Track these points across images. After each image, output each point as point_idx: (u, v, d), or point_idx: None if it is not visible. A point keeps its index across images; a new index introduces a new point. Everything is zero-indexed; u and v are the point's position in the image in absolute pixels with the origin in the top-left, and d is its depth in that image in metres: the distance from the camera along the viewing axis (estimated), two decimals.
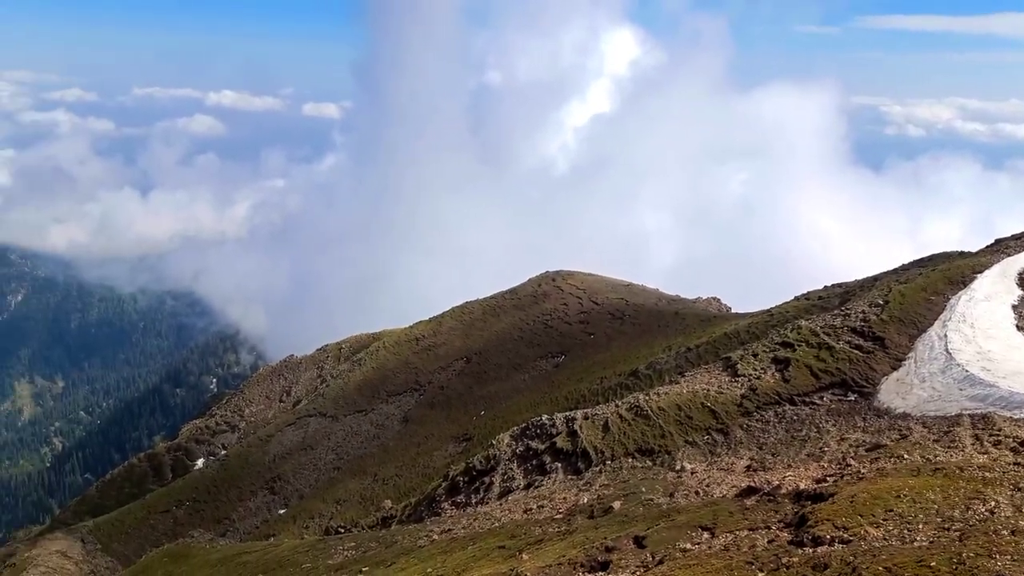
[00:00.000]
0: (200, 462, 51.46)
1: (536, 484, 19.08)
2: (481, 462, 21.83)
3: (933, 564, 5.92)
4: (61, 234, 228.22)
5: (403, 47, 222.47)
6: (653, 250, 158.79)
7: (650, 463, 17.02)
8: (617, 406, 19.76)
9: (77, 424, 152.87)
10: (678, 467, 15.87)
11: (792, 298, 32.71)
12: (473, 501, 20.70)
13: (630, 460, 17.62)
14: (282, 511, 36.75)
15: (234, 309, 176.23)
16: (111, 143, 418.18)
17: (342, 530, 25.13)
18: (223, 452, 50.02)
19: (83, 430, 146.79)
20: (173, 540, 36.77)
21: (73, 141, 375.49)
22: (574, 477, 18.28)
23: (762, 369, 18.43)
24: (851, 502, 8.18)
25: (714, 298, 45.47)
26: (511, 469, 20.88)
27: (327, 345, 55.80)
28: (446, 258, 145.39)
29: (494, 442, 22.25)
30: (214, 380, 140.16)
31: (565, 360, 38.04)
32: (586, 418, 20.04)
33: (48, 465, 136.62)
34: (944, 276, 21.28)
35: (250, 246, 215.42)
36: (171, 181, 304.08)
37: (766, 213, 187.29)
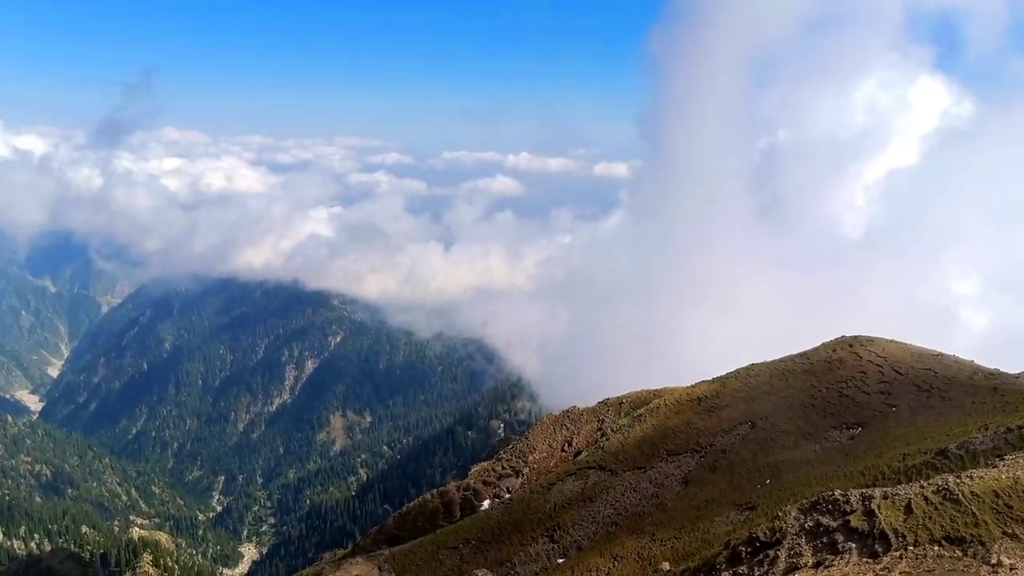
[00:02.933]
0: (486, 503, 55.65)
1: (826, 564, 18.52)
2: (766, 533, 21.41)
3: None
4: (374, 282, 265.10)
5: (689, 102, 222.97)
6: (961, 319, 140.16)
7: (960, 553, 15.90)
8: (922, 487, 18.62)
9: (380, 457, 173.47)
10: (994, 561, 14.74)
11: None
12: (756, 574, 20.50)
13: (936, 548, 16.55)
14: (560, 560, 38.71)
15: (517, 356, 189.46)
16: (422, 202, 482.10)
17: None
18: (507, 495, 53.65)
19: (385, 463, 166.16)
20: None
21: (390, 200, 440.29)
22: (870, 560, 17.54)
23: None
24: None
25: None
26: (798, 544, 20.33)
27: (608, 399, 57.69)
28: (726, 318, 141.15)
29: (780, 514, 21.76)
30: (501, 425, 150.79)
31: (861, 432, 35.77)
32: (885, 497, 19.09)
33: (353, 494, 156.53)
34: None
35: (535, 298, 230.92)
36: (470, 236, 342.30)
37: None
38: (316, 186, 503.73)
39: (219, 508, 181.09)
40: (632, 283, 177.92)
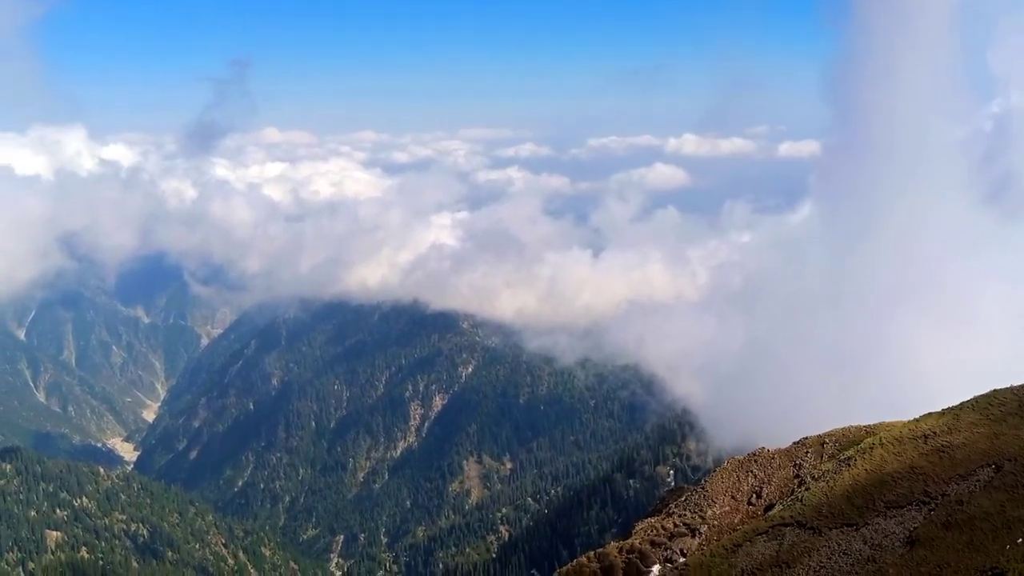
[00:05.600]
0: (656, 569, 56.20)
1: None
2: None
3: None
4: (509, 300, 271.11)
5: (894, 57, 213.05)
6: None
7: None
8: None
9: (524, 512, 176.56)
10: None
11: None
12: None
13: None
14: None
15: (682, 384, 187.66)
16: (564, 200, 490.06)
17: None
18: (682, 559, 54.11)
19: (530, 519, 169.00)
20: None
21: (525, 200, 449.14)
22: None
23: None
24: None
25: None
26: None
27: (806, 438, 57.07)
28: (953, 331, 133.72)
29: None
30: (670, 471, 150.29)
31: None
32: None
33: (494, 556, 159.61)
34: None
35: (704, 311, 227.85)
36: (624, 240, 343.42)
37: None
38: (438, 188, 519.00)
39: (338, 573, 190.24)
40: (827, 289, 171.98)
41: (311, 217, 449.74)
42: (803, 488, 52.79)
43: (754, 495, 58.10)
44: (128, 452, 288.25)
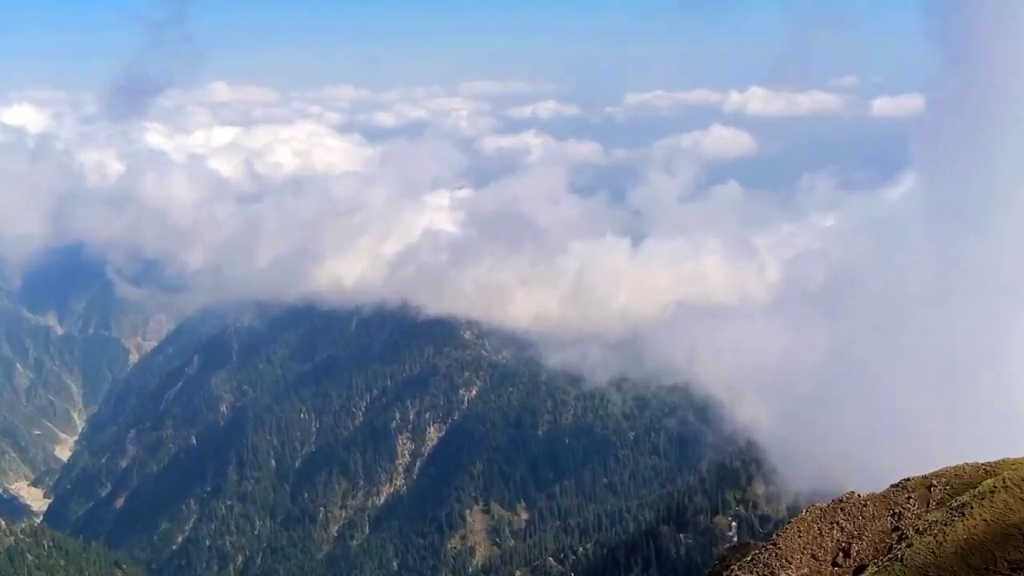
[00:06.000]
0: None
1: None
2: None
3: None
4: (524, 302, 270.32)
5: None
6: None
7: None
8: None
9: (544, 575, 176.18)
10: None
11: None
12: None
13: None
14: None
15: (748, 411, 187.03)
16: (595, 173, 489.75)
17: None
18: None
19: None
20: None
21: (545, 173, 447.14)
22: None
23: None
24: None
25: None
26: None
27: (908, 479, 57.01)
28: None
29: None
30: (733, 523, 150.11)
31: None
32: None
33: None
34: None
35: (775, 315, 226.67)
36: (671, 224, 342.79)
37: None
38: (433, 158, 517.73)
39: None
40: (934, 286, 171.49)
41: (271, 196, 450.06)
42: (904, 544, 52.49)
43: (841, 553, 57.96)
44: (36, 500, 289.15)
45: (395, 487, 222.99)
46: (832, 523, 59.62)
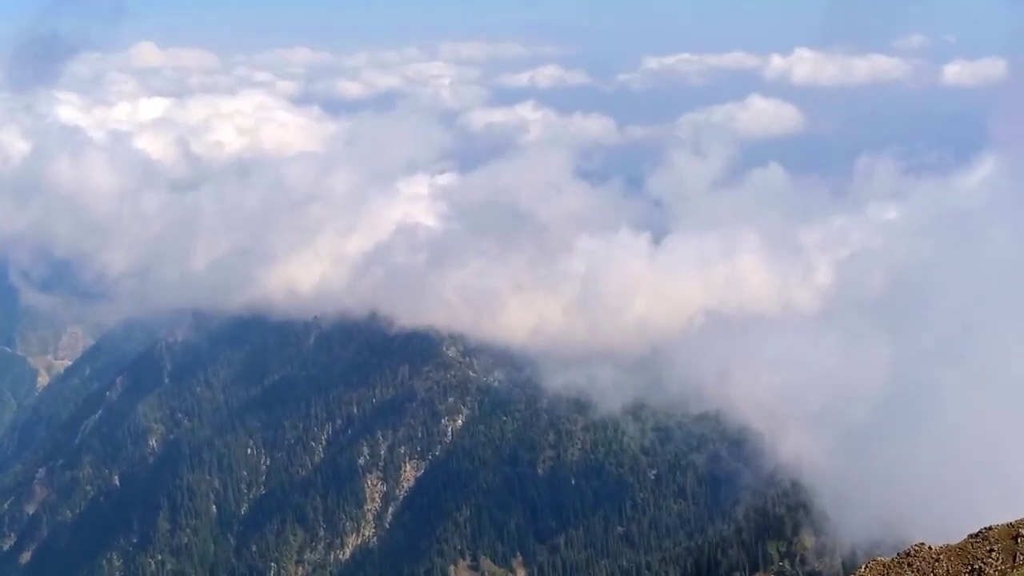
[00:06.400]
0: None
1: None
2: None
3: None
4: (520, 313, 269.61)
5: None
6: None
7: None
8: None
9: None
10: None
11: None
12: None
13: None
14: None
15: (793, 444, 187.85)
16: (607, 154, 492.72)
17: None
18: None
19: None
20: None
21: (545, 154, 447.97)
22: None
23: None
24: None
25: None
26: None
27: (990, 528, 57.93)
28: None
29: None
30: None
31: None
32: None
33: None
34: None
35: (825, 328, 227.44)
36: (700, 216, 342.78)
37: None
38: (409, 136, 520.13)
39: None
40: (1018, 291, 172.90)
41: (210, 183, 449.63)
42: None
43: None
44: None
45: (363, 538, 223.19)
46: None
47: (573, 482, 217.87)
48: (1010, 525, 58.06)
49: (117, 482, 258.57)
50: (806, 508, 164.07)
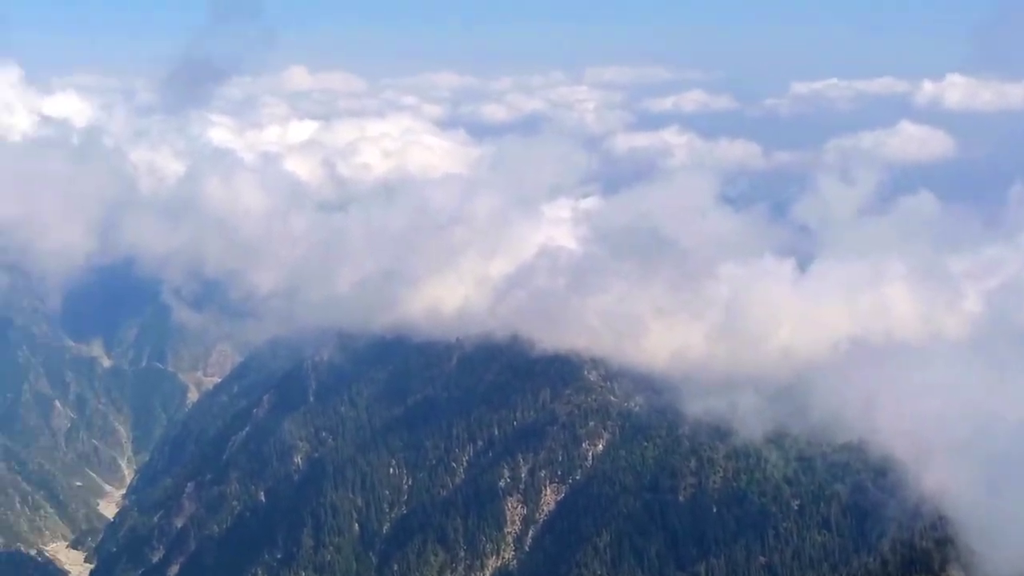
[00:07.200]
0: None
1: None
2: None
3: None
4: (662, 338, 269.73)
5: None
6: None
7: None
8: None
9: None
10: None
11: None
12: None
13: None
14: None
15: (941, 475, 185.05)
16: (752, 179, 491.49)
17: None
18: None
19: None
20: None
21: (689, 179, 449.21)
22: None
23: None
24: None
25: None
26: None
27: None
28: None
29: None
30: None
31: None
32: None
33: None
34: None
35: (975, 357, 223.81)
36: (847, 242, 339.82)
37: None
38: (553, 160, 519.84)
39: None
40: None
41: (356, 205, 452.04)
42: None
43: None
44: (76, 564, 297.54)
45: (503, 560, 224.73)
46: None
47: (714, 510, 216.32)
48: None
49: (263, 498, 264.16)
50: (953, 542, 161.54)
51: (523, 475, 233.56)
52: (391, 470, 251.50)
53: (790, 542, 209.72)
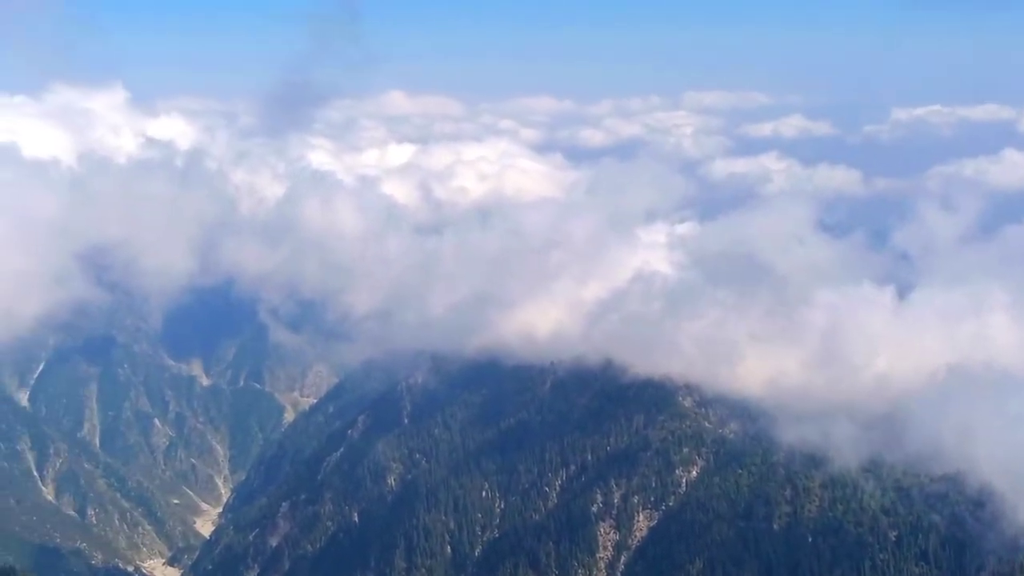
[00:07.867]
0: None
1: None
2: None
3: None
4: (757, 365, 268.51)
5: None
6: None
7: None
8: None
9: None
10: None
11: None
12: None
13: None
14: None
15: None
16: (851, 206, 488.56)
17: None
18: None
19: None
20: None
21: (788, 205, 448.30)
22: None
23: None
24: None
25: None
26: None
27: None
28: None
29: None
30: None
31: None
32: None
33: None
34: None
35: None
36: (948, 271, 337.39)
37: None
38: (650, 184, 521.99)
39: None
40: None
41: (452, 228, 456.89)
42: None
43: None
44: None
45: None
46: None
47: (809, 539, 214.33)
48: None
49: (356, 519, 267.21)
50: None
51: (616, 501, 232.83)
52: (484, 493, 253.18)
53: (887, 574, 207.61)
